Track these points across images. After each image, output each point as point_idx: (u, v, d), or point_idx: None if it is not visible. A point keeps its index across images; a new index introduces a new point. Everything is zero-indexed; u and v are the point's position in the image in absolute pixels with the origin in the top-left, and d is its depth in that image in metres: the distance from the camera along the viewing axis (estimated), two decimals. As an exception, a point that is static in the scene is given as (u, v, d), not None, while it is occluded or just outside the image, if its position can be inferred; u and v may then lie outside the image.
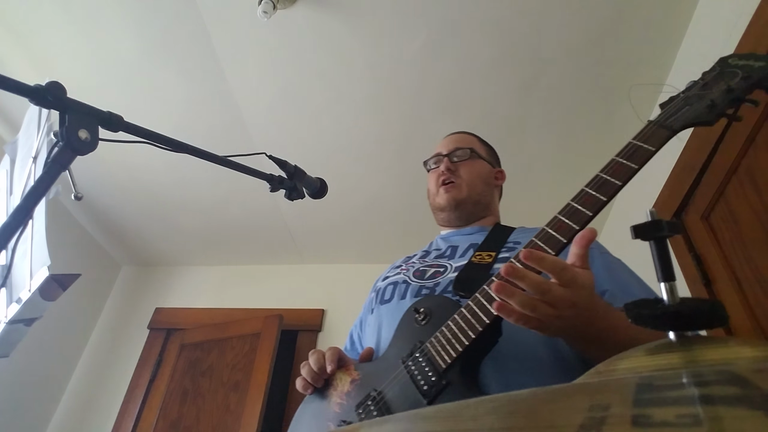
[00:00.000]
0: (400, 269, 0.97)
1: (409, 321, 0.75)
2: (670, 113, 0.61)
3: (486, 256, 0.83)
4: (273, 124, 2.03)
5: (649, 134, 0.60)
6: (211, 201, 2.49)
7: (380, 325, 0.87)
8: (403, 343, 0.73)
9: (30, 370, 2.39)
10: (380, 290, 0.94)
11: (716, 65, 0.64)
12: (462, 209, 1.01)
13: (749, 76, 0.58)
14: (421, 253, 1.02)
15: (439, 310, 0.72)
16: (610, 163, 0.60)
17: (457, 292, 0.76)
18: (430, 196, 1.08)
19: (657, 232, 0.35)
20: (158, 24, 1.68)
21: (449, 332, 0.64)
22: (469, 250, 0.91)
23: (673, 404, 0.19)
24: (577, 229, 0.59)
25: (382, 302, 0.90)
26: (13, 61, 1.87)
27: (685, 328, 0.29)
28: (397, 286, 0.90)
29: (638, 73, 1.69)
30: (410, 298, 0.84)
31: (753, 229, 1.18)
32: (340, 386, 0.78)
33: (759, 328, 1.16)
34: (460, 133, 1.17)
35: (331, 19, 1.60)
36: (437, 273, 0.87)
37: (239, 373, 2.40)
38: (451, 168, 1.03)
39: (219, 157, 0.73)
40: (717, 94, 0.58)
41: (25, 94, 0.52)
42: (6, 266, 0.62)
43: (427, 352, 0.66)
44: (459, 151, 1.06)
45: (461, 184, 1.02)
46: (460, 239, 1.00)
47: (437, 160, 1.08)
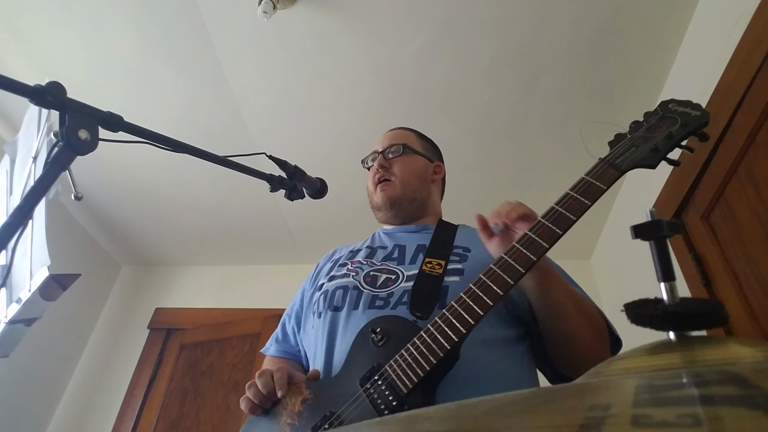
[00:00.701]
0: (347, 269, 0.93)
1: (365, 341, 0.73)
2: (618, 153, 0.66)
3: (436, 265, 0.84)
4: (273, 124, 2.03)
5: (600, 172, 0.64)
6: (211, 201, 2.49)
7: (331, 335, 0.83)
8: (360, 364, 0.71)
9: (30, 370, 2.39)
10: (328, 294, 0.89)
11: (658, 108, 0.69)
12: (398, 207, 1.01)
13: (687, 123, 0.64)
14: (366, 250, 0.99)
15: (397, 332, 0.71)
16: (565, 197, 0.64)
17: (414, 312, 0.76)
18: (369, 194, 1.07)
19: (657, 232, 0.35)
20: (158, 24, 1.68)
21: (410, 357, 0.65)
22: (419, 254, 0.90)
23: (673, 404, 0.19)
24: (534, 260, 0.62)
25: (333, 309, 0.86)
26: (13, 61, 1.87)
27: (685, 328, 0.29)
28: (348, 292, 0.86)
29: (638, 73, 1.69)
30: (363, 308, 0.82)
31: (753, 228, 1.18)
32: (290, 405, 0.74)
33: (759, 328, 1.16)
34: (396, 129, 1.15)
35: (331, 19, 1.60)
36: (389, 281, 0.86)
37: (239, 373, 2.40)
38: (385, 165, 1.02)
39: (219, 157, 0.73)
40: (660, 139, 0.64)
41: (25, 94, 0.52)
42: (6, 266, 0.62)
43: (387, 376, 0.66)
44: (393, 147, 1.05)
45: (395, 182, 1.01)
46: (406, 238, 0.98)
47: (373, 158, 1.06)
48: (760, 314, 1.16)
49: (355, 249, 1.02)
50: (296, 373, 0.79)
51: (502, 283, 0.62)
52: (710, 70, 1.37)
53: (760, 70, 1.15)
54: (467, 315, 0.62)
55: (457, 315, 0.63)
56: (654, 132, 0.65)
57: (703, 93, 1.40)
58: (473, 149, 2.04)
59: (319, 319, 0.88)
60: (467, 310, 0.63)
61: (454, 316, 0.63)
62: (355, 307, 0.83)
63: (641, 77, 1.70)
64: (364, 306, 0.82)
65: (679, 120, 0.65)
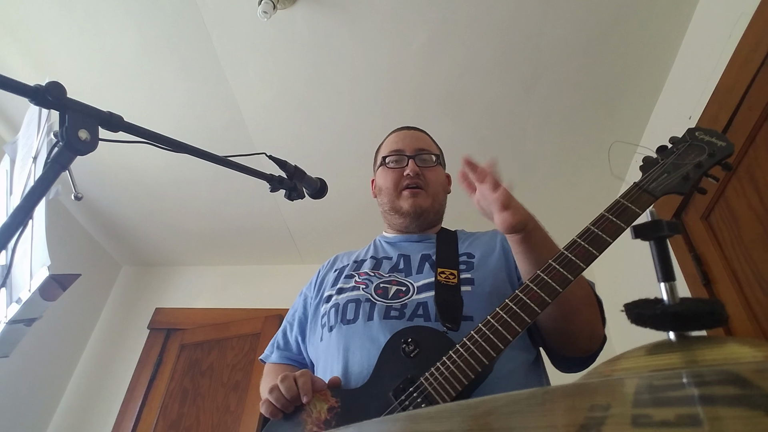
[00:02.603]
0: (355, 281, 0.92)
1: (395, 350, 0.73)
2: (652, 178, 0.69)
3: (450, 275, 0.85)
4: (273, 124, 2.03)
5: (636, 197, 0.67)
6: (211, 201, 2.49)
7: (347, 347, 0.82)
8: (390, 374, 0.70)
9: (30, 370, 2.39)
10: (339, 307, 0.88)
11: (686, 135, 0.72)
12: (424, 218, 0.99)
13: (714, 153, 0.67)
14: (371, 261, 0.97)
15: (429, 344, 0.71)
16: (601, 218, 0.66)
17: (444, 323, 0.75)
18: (385, 194, 1.02)
19: (657, 232, 0.36)
20: (158, 24, 1.68)
21: (447, 371, 0.65)
22: (425, 264, 0.91)
23: (673, 404, 0.19)
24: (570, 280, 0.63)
25: (346, 322, 0.85)
26: (13, 61, 1.86)
27: (685, 328, 0.29)
28: (360, 305, 0.85)
29: (638, 74, 1.69)
30: (379, 319, 0.81)
31: (753, 229, 1.18)
32: (315, 413, 0.72)
33: (759, 328, 1.16)
34: (417, 131, 1.12)
35: (331, 19, 1.60)
36: (400, 293, 0.85)
37: (239, 373, 2.40)
38: (419, 173, 1.00)
39: (219, 157, 0.73)
40: (690, 168, 0.67)
41: (25, 94, 0.52)
42: (6, 266, 0.62)
43: (424, 389, 0.66)
44: (425, 154, 1.03)
45: (427, 193, 0.99)
46: (409, 247, 0.98)
47: (399, 159, 1.02)
48: (760, 314, 1.16)
49: (359, 259, 1.01)
50: (319, 379, 0.77)
51: (540, 300, 0.63)
52: (710, 70, 1.37)
53: (760, 70, 1.15)
54: (505, 331, 0.63)
55: (494, 331, 0.64)
56: (684, 159, 0.68)
57: (703, 93, 1.40)
58: (473, 149, 2.04)
59: (330, 332, 0.87)
60: (505, 325, 0.64)
61: (492, 332, 0.64)
62: (370, 318, 0.82)
63: (641, 77, 1.70)
64: (379, 316, 0.82)
65: (707, 149, 0.68)
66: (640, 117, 1.84)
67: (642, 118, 1.84)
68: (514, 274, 0.88)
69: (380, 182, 1.05)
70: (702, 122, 1.40)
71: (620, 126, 1.88)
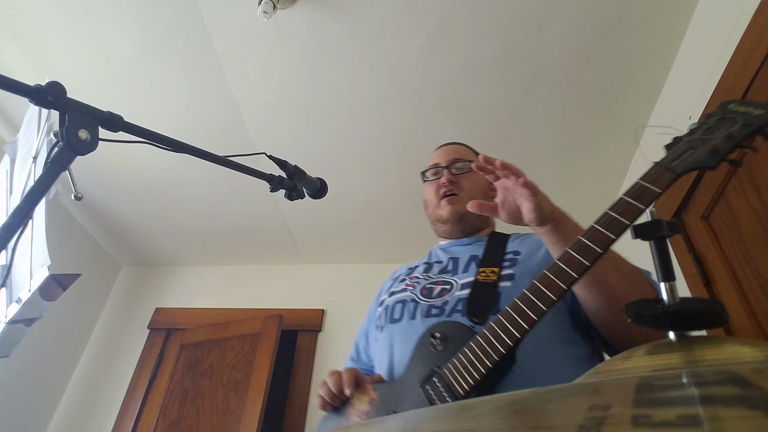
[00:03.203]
0: (405, 284, 0.98)
1: (426, 345, 0.77)
2: (674, 156, 0.63)
3: (490, 273, 0.87)
4: (273, 124, 2.03)
5: (656, 176, 0.62)
6: (211, 201, 2.49)
7: (391, 344, 0.88)
8: (420, 366, 0.75)
9: (30, 370, 2.39)
10: (388, 308, 0.95)
11: (717, 109, 0.66)
12: (464, 222, 1.03)
13: (749, 123, 0.61)
14: (423, 266, 1.03)
15: (455, 336, 0.74)
16: (618, 202, 0.62)
17: (471, 318, 0.78)
18: (429, 207, 1.09)
19: (657, 232, 0.35)
20: (158, 24, 1.68)
21: (466, 359, 0.67)
22: (471, 263, 0.94)
23: (673, 404, 0.19)
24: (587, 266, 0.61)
25: (392, 321, 0.91)
26: (13, 61, 1.86)
27: (685, 328, 0.29)
28: (405, 305, 0.91)
29: (638, 73, 1.69)
30: (420, 317, 0.86)
31: (753, 229, 1.18)
32: (359, 406, 0.80)
33: (759, 328, 1.16)
34: (455, 144, 1.18)
35: (331, 19, 1.60)
36: (444, 291, 0.89)
37: (239, 373, 2.40)
38: (453, 180, 1.04)
39: (219, 157, 0.73)
40: (719, 140, 0.61)
41: (25, 94, 0.52)
42: (6, 266, 0.62)
43: (445, 378, 0.68)
44: (459, 163, 1.08)
45: (463, 197, 1.03)
46: (459, 250, 1.02)
47: (436, 171, 1.09)
48: (760, 314, 1.16)
49: (413, 266, 1.07)
50: (363, 374, 0.86)
51: (556, 288, 0.62)
52: (710, 70, 1.37)
53: (760, 70, 1.15)
54: (521, 319, 0.63)
55: (511, 319, 0.64)
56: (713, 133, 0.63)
57: (703, 93, 1.40)
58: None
59: (381, 332, 0.94)
60: (521, 314, 0.63)
61: (509, 321, 0.64)
62: (413, 317, 0.87)
63: (641, 77, 1.71)
64: (421, 315, 0.86)
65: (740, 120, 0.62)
66: (640, 117, 1.84)
67: (642, 118, 1.84)
68: None
69: (424, 196, 1.12)
70: (702, 122, 1.40)
71: (620, 126, 1.88)
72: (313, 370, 2.54)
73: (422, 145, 2.05)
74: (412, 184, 2.28)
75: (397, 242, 2.66)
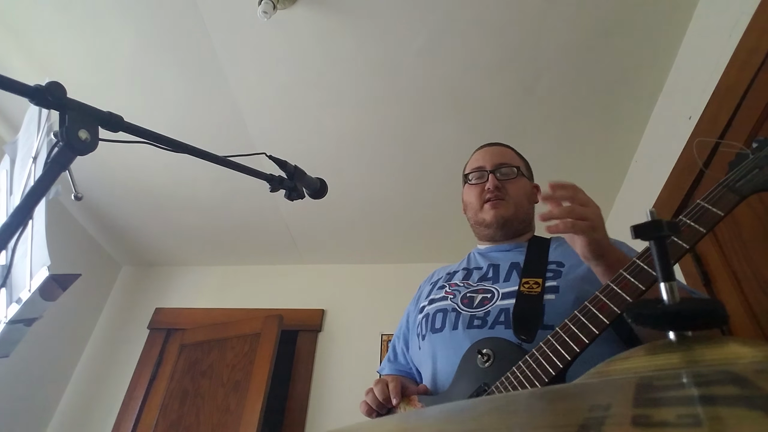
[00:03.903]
0: (445, 291, 0.98)
1: (472, 361, 0.77)
2: (739, 176, 0.59)
3: (534, 285, 0.86)
4: (273, 124, 2.03)
5: (718, 197, 0.58)
6: (211, 201, 2.49)
7: (434, 354, 0.88)
8: (467, 382, 0.75)
9: (30, 370, 2.39)
10: (429, 317, 0.94)
11: None
12: (509, 227, 1.02)
13: None
14: (463, 272, 1.02)
15: (503, 354, 0.74)
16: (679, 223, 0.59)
17: (519, 335, 0.77)
18: (470, 210, 1.08)
19: (657, 232, 0.35)
20: (158, 24, 1.68)
21: (515, 380, 0.66)
22: (512, 272, 0.93)
23: (674, 404, 0.19)
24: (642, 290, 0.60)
25: (434, 331, 0.91)
26: (13, 61, 1.86)
27: (685, 328, 0.29)
28: (447, 315, 0.91)
29: (638, 74, 1.69)
30: (463, 328, 0.85)
31: (753, 229, 1.18)
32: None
33: (759, 328, 1.16)
34: (498, 145, 1.16)
35: (331, 19, 1.60)
36: (485, 300, 0.89)
37: (239, 373, 2.40)
38: (499, 186, 1.03)
39: (219, 157, 0.73)
40: None
41: (25, 94, 0.52)
42: (6, 266, 0.62)
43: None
44: (504, 168, 1.06)
45: (509, 202, 1.02)
46: (499, 256, 1.01)
47: (480, 175, 1.07)
48: (760, 314, 1.16)
49: (452, 271, 1.06)
50: (410, 384, 0.88)
51: (609, 312, 0.61)
52: (710, 70, 1.37)
53: (760, 70, 1.15)
54: (572, 342, 0.62)
55: (562, 342, 0.64)
56: None
57: (703, 93, 1.40)
58: (473, 149, 2.04)
59: (423, 341, 0.94)
60: (572, 337, 0.63)
61: (559, 343, 0.64)
62: (455, 328, 0.87)
63: (641, 77, 1.70)
64: (463, 326, 0.86)
65: None
66: (640, 117, 1.84)
67: (642, 118, 1.84)
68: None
69: (465, 198, 1.10)
70: (702, 122, 1.40)
71: (620, 126, 1.88)
72: (313, 370, 2.54)
73: (422, 145, 2.05)
74: (412, 184, 2.28)
75: (397, 242, 2.66)
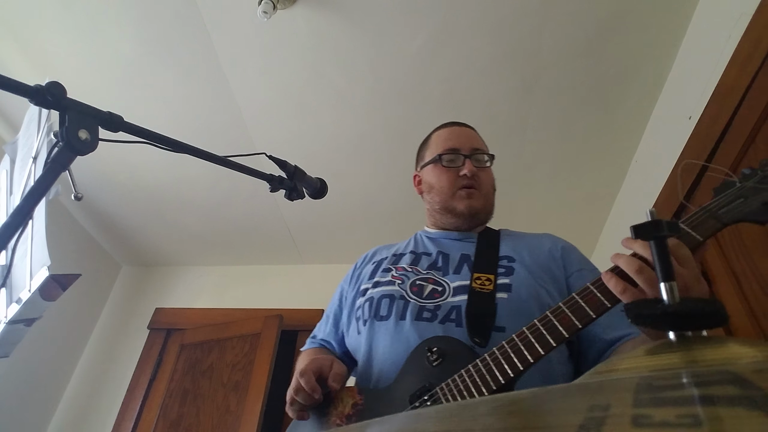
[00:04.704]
0: (391, 275, 0.92)
1: (420, 358, 0.74)
2: (723, 203, 0.59)
3: (486, 281, 0.83)
4: (273, 124, 2.03)
5: (699, 221, 0.58)
6: (211, 201, 2.49)
7: (375, 343, 0.84)
8: (412, 379, 0.72)
9: (30, 370, 2.39)
10: (373, 302, 0.88)
11: None
12: (476, 219, 0.99)
13: None
14: (410, 256, 0.97)
15: (454, 355, 0.72)
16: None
17: (473, 338, 0.75)
18: (439, 194, 1.00)
19: (657, 232, 0.35)
20: (158, 24, 1.68)
21: (462, 383, 0.65)
22: (463, 265, 0.90)
23: (673, 404, 0.19)
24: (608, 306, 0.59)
25: (379, 318, 0.86)
26: (13, 61, 1.86)
27: (685, 328, 0.29)
28: (394, 302, 0.86)
29: (638, 73, 1.69)
30: (411, 319, 0.81)
31: (753, 229, 1.18)
32: (341, 407, 0.76)
33: (759, 328, 1.16)
34: (468, 127, 1.09)
35: (331, 19, 1.60)
36: (436, 293, 0.85)
37: (239, 373, 2.40)
38: (476, 173, 0.98)
39: (219, 157, 0.73)
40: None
41: (25, 94, 0.52)
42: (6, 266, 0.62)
43: (437, 399, 0.66)
44: (479, 154, 1.01)
45: (481, 194, 0.99)
46: (450, 245, 0.97)
47: (455, 158, 1.00)
48: (760, 314, 1.16)
49: (399, 252, 1.01)
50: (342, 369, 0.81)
51: (569, 325, 0.60)
52: (710, 70, 1.37)
53: (760, 70, 1.15)
54: (527, 352, 0.61)
55: (516, 350, 0.62)
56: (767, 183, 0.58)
57: (703, 93, 1.40)
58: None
59: (364, 326, 0.88)
60: (528, 347, 0.61)
61: (514, 351, 0.62)
62: (402, 318, 0.82)
63: (641, 77, 1.70)
64: (411, 317, 0.82)
65: None
66: (640, 117, 1.84)
67: (642, 119, 1.84)
68: (563, 284, 0.85)
69: (432, 180, 1.02)
70: (702, 122, 1.40)
71: (620, 126, 1.88)
72: (313, 370, 2.53)
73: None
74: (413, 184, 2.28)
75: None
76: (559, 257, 0.90)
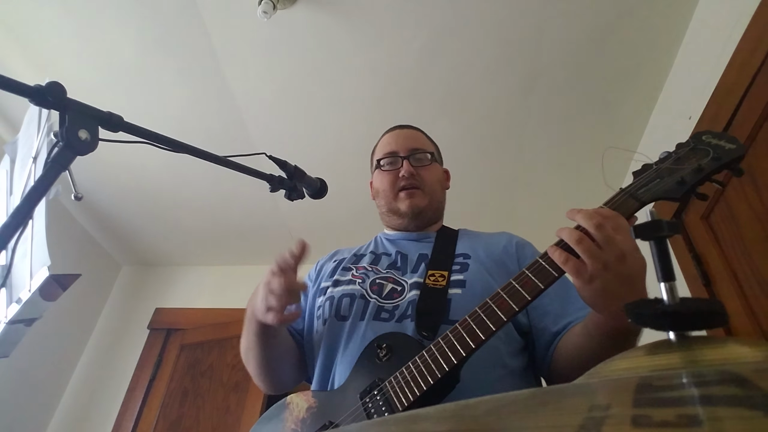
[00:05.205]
0: (352, 274, 0.93)
1: (371, 355, 0.75)
2: (641, 184, 0.63)
3: (439, 278, 0.84)
4: (273, 124, 2.03)
5: (619, 203, 0.62)
6: (211, 201, 2.49)
7: (334, 343, 0.83)
8: (362, 377, 0.73)
9: (30, 370, 2.39)
10: (334, 301, 0.88)
11: (690, 140, 0.66)
12: (423, 217, 1.00)
13: (719, 156, 0.61)
14: (371, 256, 0.98)
15: (401, 349, 0.72)
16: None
17: (420, 331, 0.76)
18: (383, 198, 1.02)
19: (657, 232, 0.35)
20: (158, 24, 1.67)
21: (409, 375, 0.65)
22: (420, 264, 0.91)
23: (673, 404, 0.19)
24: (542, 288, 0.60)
25: (339, 318, 0.85)
26: (13, 61, 1.86)
27: (685, 328, 0.29)
28: (354, 301, 0.86)
29: (638, 73, 1.69)
30: (369, 319, 0.82)
31: (753, 229, 1.18)
32: (296, 412, 0.78)
33: (759, 328, 1.16)
34: (409, 128, 1.12)
35: (330, 19, 1.60)
36: (395, 292, 0.86)
37: (239, 374, 2.40)
38: (414, 173, 0.99)
39: (219, 157, 0.73)
40: (687, 172, 0.62)
41: (25, 94, 0.52)
42: (6, 266, 0.62)
43: (386, 392, 0.67)
44: (418, 153, 1.03)
45: (424, 192, 0.99)
46: (408, 246, 0.98)
47: (393, 161, 1.02)
48: (760, 314, 1.16)
49: (359, 253, 1.02)
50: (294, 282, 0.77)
51: (507, 309, 0.61)
52: (710, 70, 1.37)
53: (760, 70, 1.15)
54: (469, 338, 0.62)
55: (459, 338, 0.63)
56: (683, 164, 0.63)
57: (703, 93, 1.40)
58: (473, 149, 2.04)
59: (324, 326, 0.87)
60: (469, 333, 0.63)
61: (456, 339, 0.63)
62: (362, 318, 0.83)
63: (641, 77, 1.70)
64: (369, 317, 0.82)
65: (711, 153, 0.62)
66: (640, 117, 1.84)
67: (642, 119, 1.84)
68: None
69: (377, 185, 1.05)
70: (702, 122, 1.40)
71: (620, 126, 1.88)
72: (313, 370, 2.54)
73: (422, 145, 2.04)
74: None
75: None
76: (513, 252, 0.91)
